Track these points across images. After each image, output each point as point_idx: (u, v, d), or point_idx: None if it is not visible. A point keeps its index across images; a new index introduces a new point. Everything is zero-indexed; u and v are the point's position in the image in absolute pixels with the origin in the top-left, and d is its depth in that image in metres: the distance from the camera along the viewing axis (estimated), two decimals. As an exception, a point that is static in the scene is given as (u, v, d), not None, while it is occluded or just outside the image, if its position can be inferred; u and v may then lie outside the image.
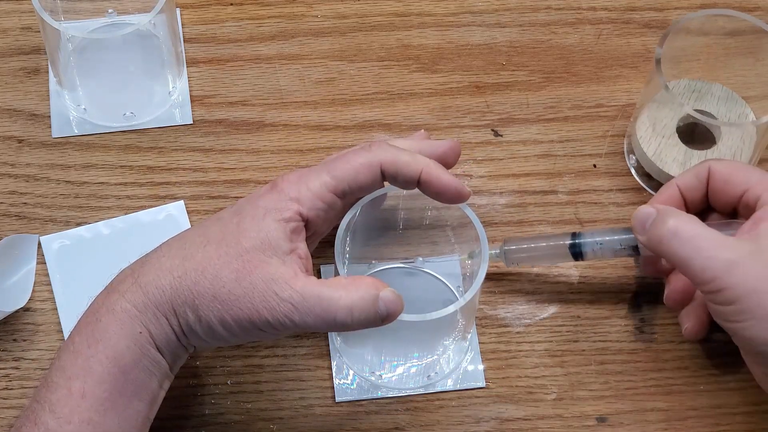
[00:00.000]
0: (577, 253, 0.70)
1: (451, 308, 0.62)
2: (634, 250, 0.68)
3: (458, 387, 0.70)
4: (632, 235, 0.67)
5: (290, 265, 0.60)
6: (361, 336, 0.69)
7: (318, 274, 0.74)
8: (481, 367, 0.71)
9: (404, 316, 0.61)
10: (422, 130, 0.72)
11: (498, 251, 0.72)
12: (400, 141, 0.68)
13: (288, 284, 0.59)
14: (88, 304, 0.62)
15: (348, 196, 0.63)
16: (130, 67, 0.78)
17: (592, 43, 0.84)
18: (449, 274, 0.73)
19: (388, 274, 0.73)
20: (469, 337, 0.71)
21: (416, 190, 0.65)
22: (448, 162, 0.67)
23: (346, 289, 0.59)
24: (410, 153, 0.64)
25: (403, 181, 0.64)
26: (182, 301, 0.59)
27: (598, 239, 0.69)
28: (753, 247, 0.62)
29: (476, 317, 0.73)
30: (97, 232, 0.75)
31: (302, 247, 0.61)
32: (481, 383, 0.71)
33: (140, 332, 0.59)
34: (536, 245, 0.71)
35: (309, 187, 0.62)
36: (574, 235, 0.70)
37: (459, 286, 0.72)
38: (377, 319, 0.60)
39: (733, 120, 0.79)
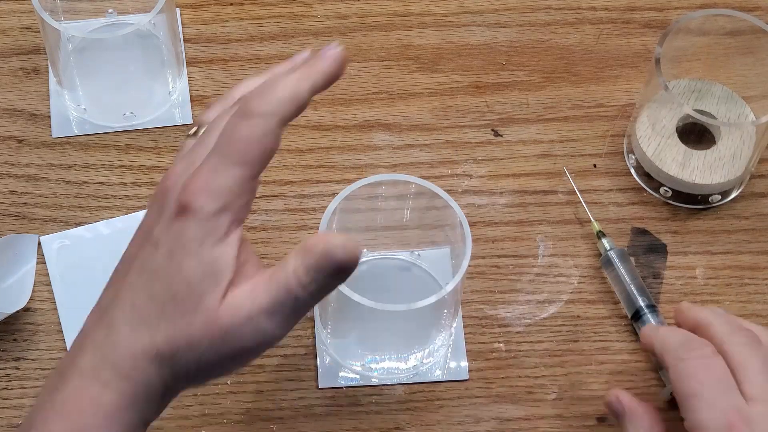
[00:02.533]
0: (638, 315, 0.72)
1: (432, 298, 0.63)
2: None
3: (444, 378, 0.71)
4: None
5: (245, 280, 0.56)
6: (347, 328, 0.69)
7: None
8: (464, 363, 0.71)
9: (383, 306, 0.62)
10: (336, 45, 0.62)
11: (607, 248, 0.74)
12: (278, 69, 0.61)
13: (252, 300, 0.55)
14: (56, 381, 0.57)
15: (262, 171, 0.57)
16: (130, 67, 0.78)
17: (592, 43, 0.84)
18: (440, 270, 0.73)
19: (381, 265, 0.74)
20: (452, 330, 0.71)
21: (416, 190, 0.65)
22: (337, 78, 0.60)
23: (291, 259, 0.55)
24: (281, 84, 0.56)
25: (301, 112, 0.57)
26: (170, 376, 0.56)
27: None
28: None
29: (477, 317, 0.73)
30: (97, 232, 0.75)
31: (246, 247, 0.57)
32: (464, 377, 0.71)
33: (129, 418, 0.56)
34: (626, 278, 0.73)
35: (228, 189, 0.55)
36: (650, 307, 0.72)
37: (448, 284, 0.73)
38: (334, 276, 0.55)
39: (733, 120, 0.79)
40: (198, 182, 0.55)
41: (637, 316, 0.71)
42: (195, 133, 0.60)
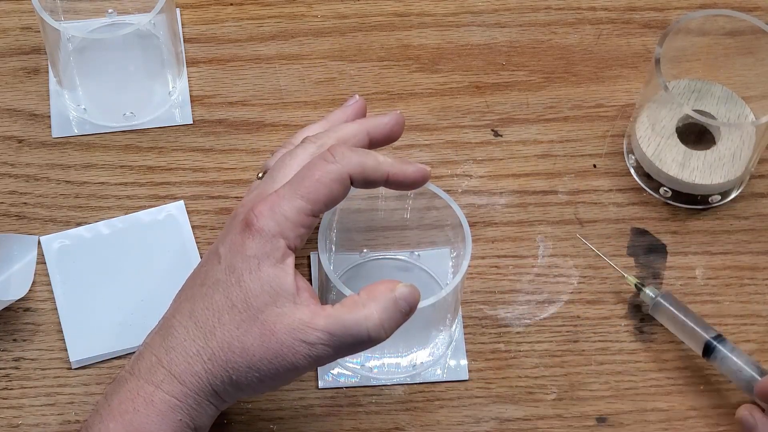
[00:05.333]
0: (708, 350, 0.69)
1: (432, 299, 0.63)
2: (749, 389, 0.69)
3: (443, 379, 0.71)
4: (754, 381, 0.68)
5: (303, 305, 0.59)
6: None
7: (308, 260, 0.74)
8: (464, 363, 0.71)
9: None
10: (356, 96, 0.71)
11: (653, 296, 0.71)
12: (335, 116, 0.69)
13: (311, 327, 0.59)
14: (114, 386, 0.61)
15: (323, 212, 0.63)
16: (130, 67, 0.78)
17: (592, 43, 0.84)
18: (441, 272, 0.73)
19: (381, 265, 0.74)
20: (453, 330, 0.71)
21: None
22: (394, 136, 0.67)
23: (366, 306, 0.59)
24: (372, 155, 0.62)
25: (370, 185, 0.63)
26: (220, 381, 0.59)
27: (732, 357, 0.69)
28: None
29: (477, 317, 0.73)
30: (97, 232, 0.75)
31: (300, 276, 0.61)
32: (464, 376, 0.71)
33: (180, 419, 0.59)
34: (684, 319, 0.70)
35: (287, 217, 0.60)
36: (718, 338, 0.69)
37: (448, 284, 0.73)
38: (404, 319, 0.60)
39: (733, 120, 0.79)
40: (264, 205, 0.60)
41: (708, 351, 0.69)
42: (263, 176, 0.66)
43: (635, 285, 0.72)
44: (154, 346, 0.61)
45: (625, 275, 0.73)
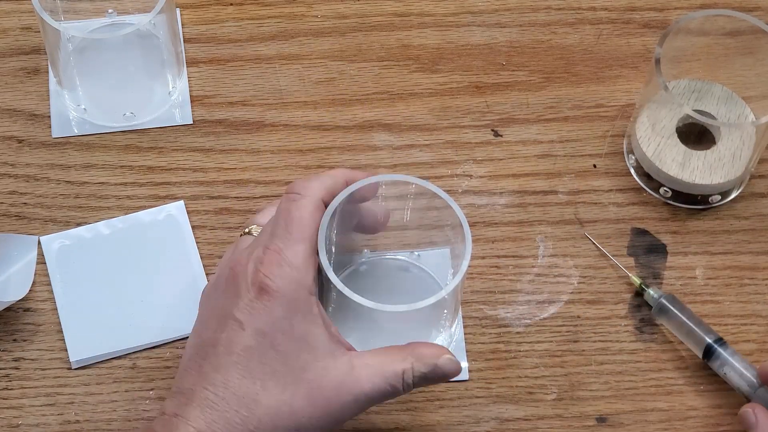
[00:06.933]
0: (709, 353, 0.70)
1: (432, 299, 0.63)
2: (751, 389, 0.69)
3: None
4: (753, 385, 0.69)
5: (341, 356, 0.59)
6: (347, 329, 0.69)
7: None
8: (464, 363, 0.71)
9: (384, 307, 0.61)
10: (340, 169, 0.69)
11: (657, 297, 0.72)
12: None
13: (354, 380, 0.59)
14: None
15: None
16: (130, 67, 0.78)
17: (592, 43, 0.84)
18: (441, 272, 0.73)
19: (381, 265, 0.74)
20: (453, 330, 0.71)
21: (418, 191, 0.65)
22: (371, 193, 0.66)
23: (407, 361, 0.60)
24: (325, 173, 0.63)
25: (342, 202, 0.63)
26: None
27: (732, 361, 0.69)
28: None
29: (477, 317, 0.73)
30: (97, 232, 0.75)
31: (327, 319, 0.60)
32: (464, 377, 0.71)
33: None
34: (685, 322, 0.71)
35: (295, 266, 0.59)
36: (718, 341, 0.70)
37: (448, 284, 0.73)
38: (432, 384, 0.62)
39: (733, 120, 0.79)
40: (270, 265, 0.59)
41: (709, 353, 0.70)
42: (249, 232, 0.65)
43: (640, 285, 0.73)
44: (191, 419, 0.58)
45: (631, 275, 0.73)
